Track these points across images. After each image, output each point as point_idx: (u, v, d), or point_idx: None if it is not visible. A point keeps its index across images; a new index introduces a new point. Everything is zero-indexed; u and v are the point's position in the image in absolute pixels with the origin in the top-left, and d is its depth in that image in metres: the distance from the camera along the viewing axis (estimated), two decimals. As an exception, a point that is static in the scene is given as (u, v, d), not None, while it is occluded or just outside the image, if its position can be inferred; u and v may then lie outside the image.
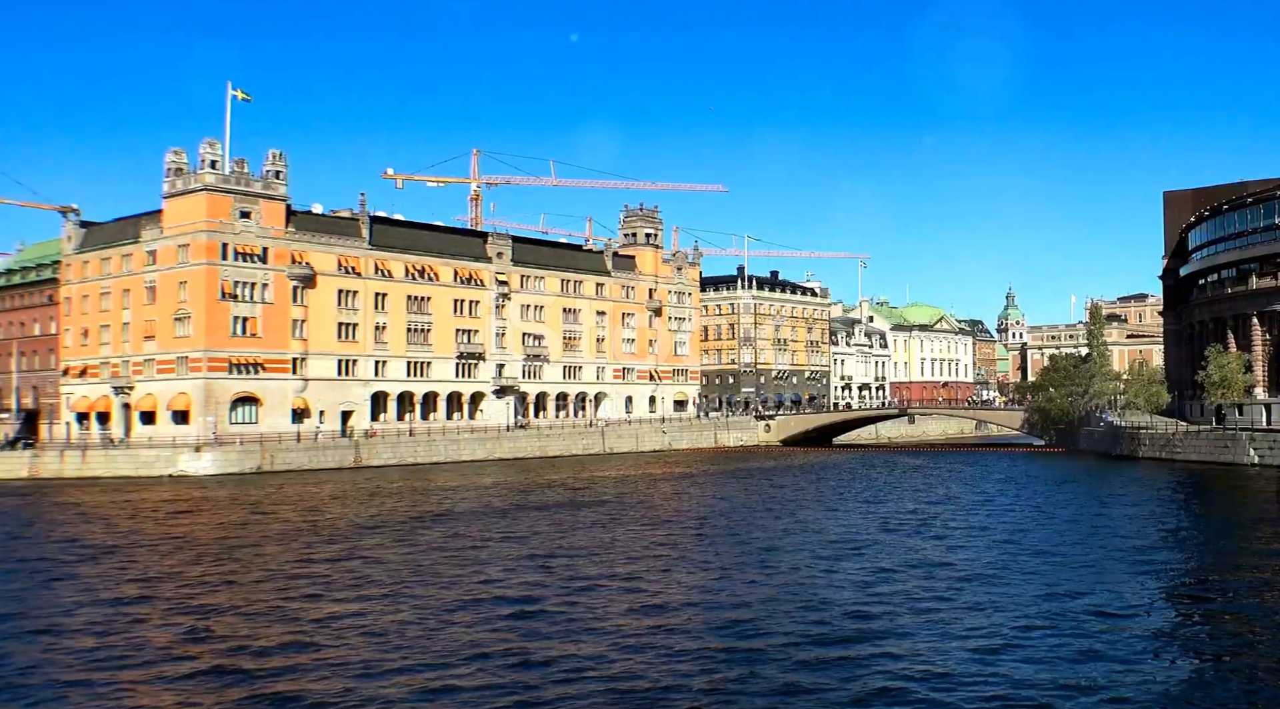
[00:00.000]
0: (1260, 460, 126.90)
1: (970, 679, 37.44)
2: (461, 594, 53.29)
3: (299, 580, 57.81)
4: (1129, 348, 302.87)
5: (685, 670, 39.13)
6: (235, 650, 42.45)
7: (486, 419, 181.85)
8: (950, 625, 44.73)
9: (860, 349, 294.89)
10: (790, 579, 56.97)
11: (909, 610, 47.96)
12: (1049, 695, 35.37)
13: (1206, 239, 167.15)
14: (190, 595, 54.15)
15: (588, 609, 49.48)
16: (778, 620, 46.39)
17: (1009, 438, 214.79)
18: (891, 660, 39.78)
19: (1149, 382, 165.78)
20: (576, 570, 60.17)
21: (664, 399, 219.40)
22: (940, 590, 52.56)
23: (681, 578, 58.44)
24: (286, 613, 49.40)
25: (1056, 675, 37.41)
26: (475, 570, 60.28)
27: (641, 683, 37.40)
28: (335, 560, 64.35)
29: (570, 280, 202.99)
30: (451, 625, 46.32)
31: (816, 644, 42.38)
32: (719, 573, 59.53)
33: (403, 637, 44.27)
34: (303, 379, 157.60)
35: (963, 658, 39.96)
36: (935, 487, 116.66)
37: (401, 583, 56.64)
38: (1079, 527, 77.63)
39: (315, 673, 39.00)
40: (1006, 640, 42.30)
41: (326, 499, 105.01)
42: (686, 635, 44.35)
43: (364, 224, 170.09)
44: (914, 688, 36.67)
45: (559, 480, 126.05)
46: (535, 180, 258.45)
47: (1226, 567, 60.43)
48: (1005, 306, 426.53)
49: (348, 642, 43.56)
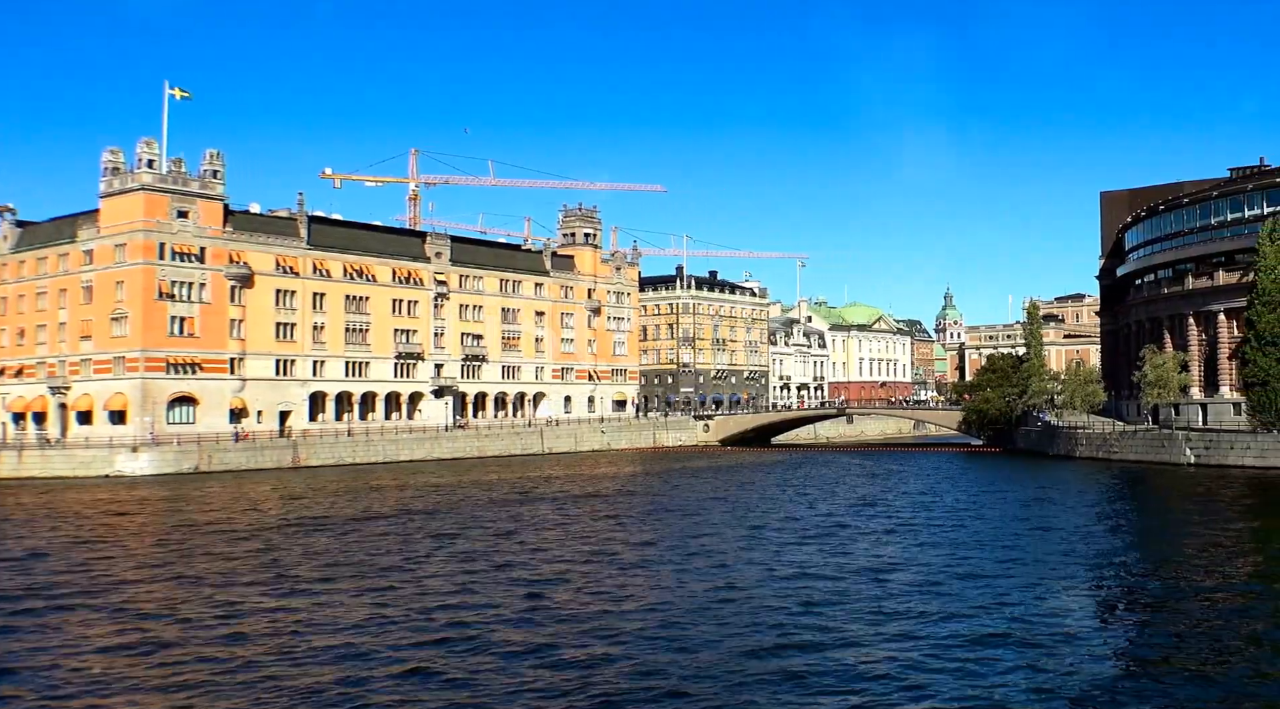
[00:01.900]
0: (1196, 460, 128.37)
1: (894, 678, 37.92)
2: (395, 595, 53.79)
3: (225, 582, 58.07)
4: (1066, 348, 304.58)
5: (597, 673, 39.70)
6: (159, 650, 42.87)
7: (425, 419, 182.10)
8: (882, 628, 44.90)
9: (799, 349, 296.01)
10: (722, 581, 57.37)
11: (841, 615, 48.21)
12: (984, 696, 35.95)
13: (1143, 239, 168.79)
14: (119, 598, 54.35)
15: (509, 609, 50.13)
16: (700, 625, 46.80)
17: (946, 438, 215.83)
18: (822, 663, 40.08)
19: (1085, 381, 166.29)
20: (505, 571, 60.76)
21: (603, 399, 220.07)
22: (876, 593, 53.01)
23: (607, 579, 59.04)
24: (212, 613, 49.73)
25: (991, 676, 37.93)
26: (406, 571, 60.81)
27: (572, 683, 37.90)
28: (262, 560, 64.78)
29: (509, 280, 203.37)
30: (388, 625, 46.82)
31: (750, 646, 42.98)
32: (651, 576, 60.25)
33: (335, 635, 44.81)
34: (240, 379, 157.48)
35: (891, 660, 40.26)
36: (871, 486, 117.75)
37: (332, 580, 57.15)
38: (1014, 528, 78.08)
39: (233, 675, 39.25)
40: (937, 642, 42.76)
41: (262, 499, 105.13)
42: (610, 635, 44.88)
43: (302, 224, 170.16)
44: (850, 687, 37.27)
45: (496, 480, 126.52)
46: (474, 180, 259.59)
47: (1163, 567, 60.90)
48: (943, 306, 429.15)
49: (272, 642, 44.00)
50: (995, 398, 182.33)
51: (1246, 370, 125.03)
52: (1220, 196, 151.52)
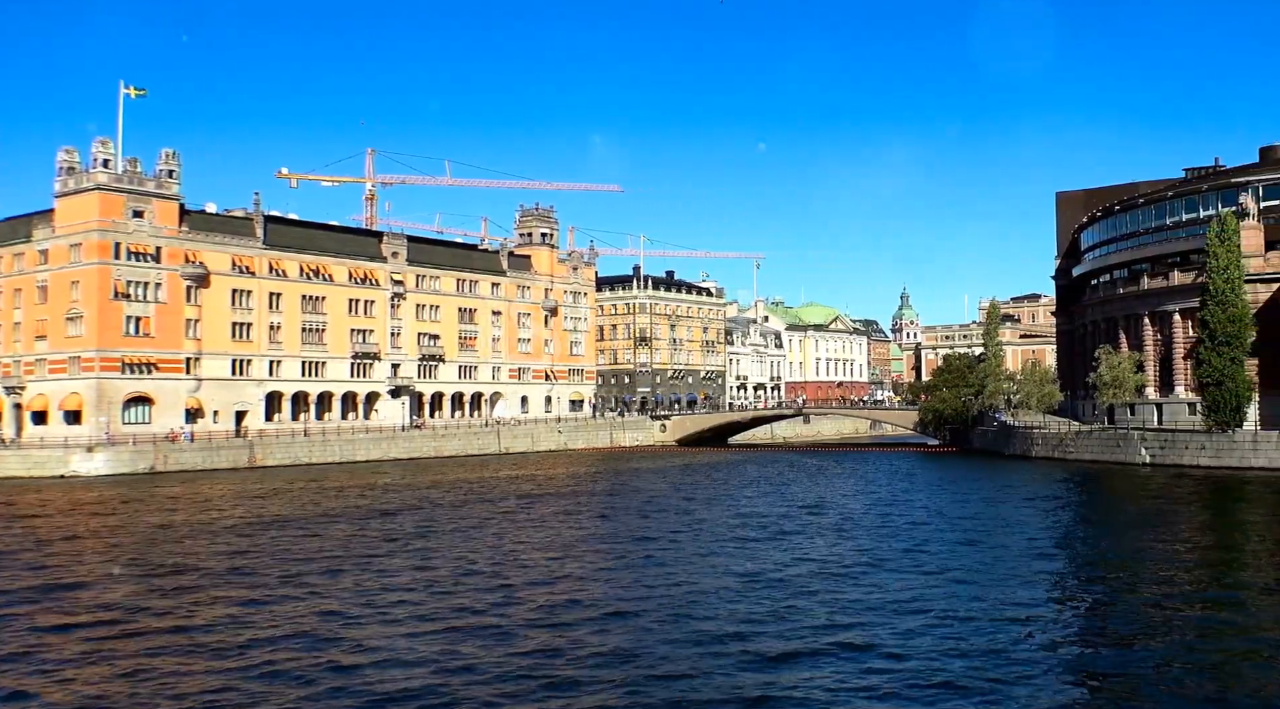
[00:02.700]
0: (1152, 460, 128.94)
1: (848, 679, 37.98)
2: (354, 594, 53.75)
3: (185, 583, 57.91)
4: (1022, 348, 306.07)
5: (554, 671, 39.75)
6: (114, 650, 42.69)
7: (382, 419, 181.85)
8: (830, 631, 44.88)
9: (756, 349, 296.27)
10: (675, 580, 57.52)
11: (798, 612, 48.39)
12: (941, 697, 35.95)
13: (1099, 239, 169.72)
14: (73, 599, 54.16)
15: (470, 607, 50.10)
16: (653, 622, 47.02)
17: (903, 438, 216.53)
18: (776, 664, 40.13)
19: (1041, 382, 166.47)
20: (463, 570, 60.75)
21: (560, 399, 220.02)
22: (833, 592, 53.15)
23: (566, 578, 59.06)
24: (163, 614, 49.60)
25: (947, 678, 37.74)
26: (364, 571, 60.67)
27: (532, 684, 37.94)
28: (219, 561, 64.56)
29: (466, 280, 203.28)
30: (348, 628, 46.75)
31: (699, 644, 43.20)
32: (606, 575, 60.38)
33: (294, 636, 44.67)
34: (196, 379, 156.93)
35: (844, 661, 40.34)
36: (826, 486, 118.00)
37: (291, 580, 57.03)
38: (971, 528, 77.94)
39: (188, 678, 39.16)
40: (896, 641, 42.77)
41: (218, 500, 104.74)
42: (562, 633, 44.95)
43: (258, 223, 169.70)
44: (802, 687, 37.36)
45: (453, 480, 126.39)
46: (431, 180, 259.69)
47: (1117, 567, 60.95)
48: (900, 306, 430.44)
49: (229, 641, 43.87)
50: (952, 398, 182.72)
51: (1201, 370, 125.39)
52: (1175, 197, 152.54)
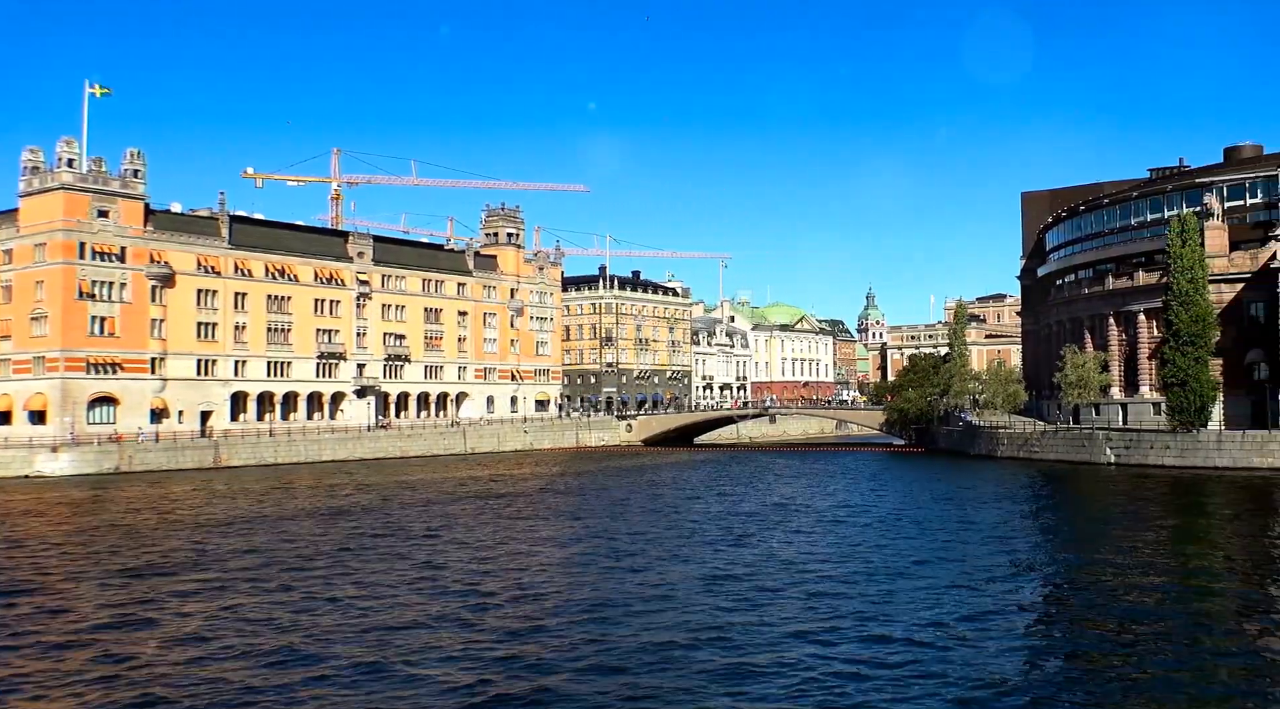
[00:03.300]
0: (1116, 459, 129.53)
1: (809, 679, 38.12)
2: (321, 595, 53.70)
3: (149, 583, 57.76)
4: (987, 348, 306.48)
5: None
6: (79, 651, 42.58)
7: (347, 419, 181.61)
8: (794, 628, 45.13)
9: (722, 349, 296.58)
10: (640, 579, 57.73)
11: (761, 612, 48.65)
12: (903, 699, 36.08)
13: (1064, 240, 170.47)
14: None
15: (433, 607, 50.10)
16: (618, 621, 47.18)
17: (869, 437, 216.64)
18: (736, 666, 40.12)
19: (1007, 381, 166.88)
20: (427, 570, 60.85)
21: (526, 399, 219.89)
22: (795, 592, 53.35)
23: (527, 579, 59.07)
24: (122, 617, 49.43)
25: (910, 678, 37.90)
26: (332, 571, 60.64)
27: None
28: (184, 561, 64.45)
29: (432, 280, 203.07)
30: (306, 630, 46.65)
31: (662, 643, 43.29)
32: (571, 575, 60.47)
33: (260, 636, 44.60)
34: (161, 379, 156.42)
35: (807, 661, 40.48)
36: (792, 486, 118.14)
37: (256, 581, 56.91)
38: (934, 528, 77.89)
39: (150, 677, 39.10)
40: (858, 643, 42.96)
41: (183, 500, 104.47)
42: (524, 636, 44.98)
43: (224, 223, 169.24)
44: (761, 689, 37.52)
45: (418, 481, 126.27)
46: (396, 180, 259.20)
47: (1079, 567, 61.01)
48: (865, 306, 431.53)
49: (191, 642, 43.85)
50: (917, 398, 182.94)
51: (1166, 370, 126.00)
52: (1140, 197, 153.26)
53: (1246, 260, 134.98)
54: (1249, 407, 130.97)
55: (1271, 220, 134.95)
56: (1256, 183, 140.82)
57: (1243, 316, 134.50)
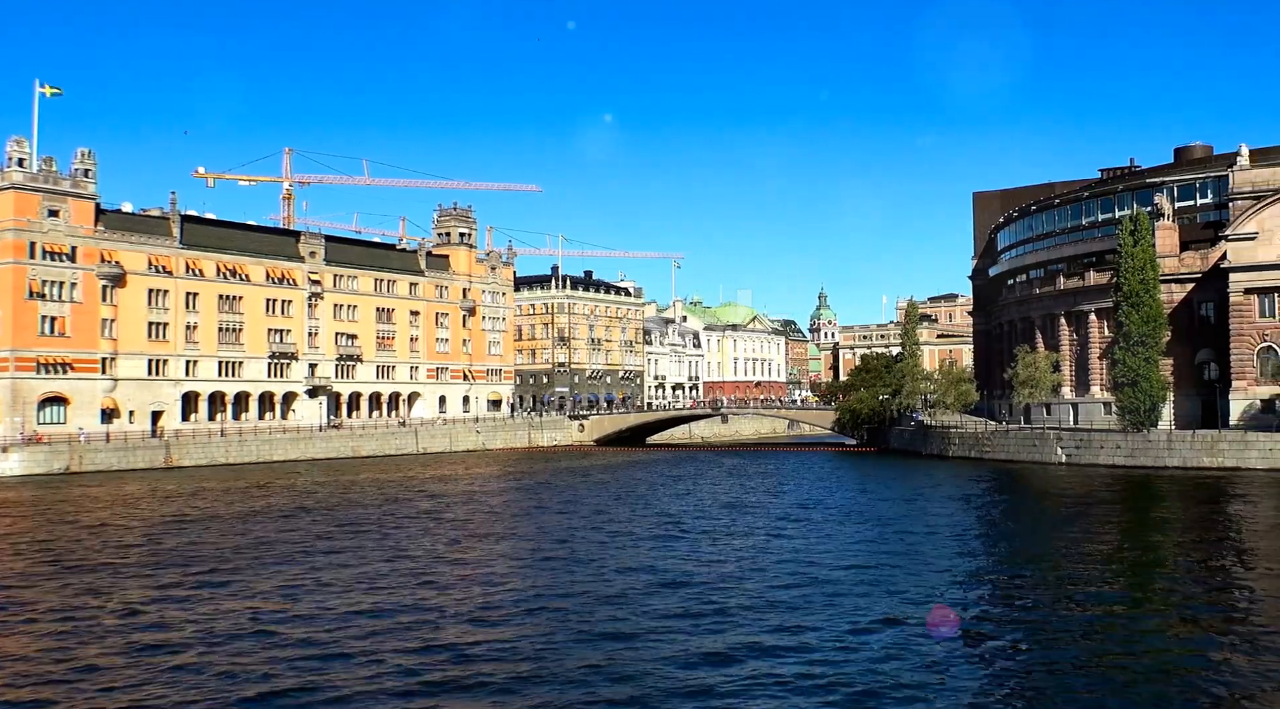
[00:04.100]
0: (1068, 459, 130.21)
1: (757, 680, 38.15)
2: (274, 596, 53.51)
3: (102, 583, 57.49)
4: (939, 347, 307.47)
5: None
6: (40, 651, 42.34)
7: (299, 419, 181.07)
8: (735, 632, 44.85)
9: (674, 349, 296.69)
10: (588, 579, 57.80)
11: (711, 611, 48.72)
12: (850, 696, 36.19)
13: (1015, 240, 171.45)
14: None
15: (389, 608, 50.02)
16: (565, 621, 47.25)
17: (821, 437, 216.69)
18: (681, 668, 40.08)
19: (958, 381, 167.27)
20: (378, 570, 60.66)
21: (478, 399, 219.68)
22: (744, 592, 53.39)
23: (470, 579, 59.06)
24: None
25: (861, 682, 37.88)
26: (283, 570, 60.46)
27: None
28: (136, 562, 64.09)
29: (384, 280, 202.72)
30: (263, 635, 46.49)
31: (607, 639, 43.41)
32: (522, 575, 60.37)
33: (213, 638, 44.42)
34: (112, 379, 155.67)
35: (757, 661, 40.56)
36: (743, 486, 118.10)
37: (208, 582, 56.71)
38: (884, 528, 78.00)
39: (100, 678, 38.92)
40: (807, 640, 43.10)
41: (134, 500, 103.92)
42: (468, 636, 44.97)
43: (175, 223, 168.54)
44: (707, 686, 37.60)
45: (369, 480, 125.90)
46: (348, 179, 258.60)
47: (1029, 567, 61.33)
48: (818, 306, 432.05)
49: (145, 644, 43.57)
50: (869, 397, 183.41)
51: (1116, 370, 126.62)
52: (1091, 197, 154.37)
53: (1197, 260, 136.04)
54: (1199, 407, 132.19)
55: (1221, 221, 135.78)
56: (1206, 183, 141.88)
57: (1193, 317, 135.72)
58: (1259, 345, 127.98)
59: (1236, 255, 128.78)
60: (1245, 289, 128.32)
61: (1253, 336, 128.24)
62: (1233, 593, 52.76)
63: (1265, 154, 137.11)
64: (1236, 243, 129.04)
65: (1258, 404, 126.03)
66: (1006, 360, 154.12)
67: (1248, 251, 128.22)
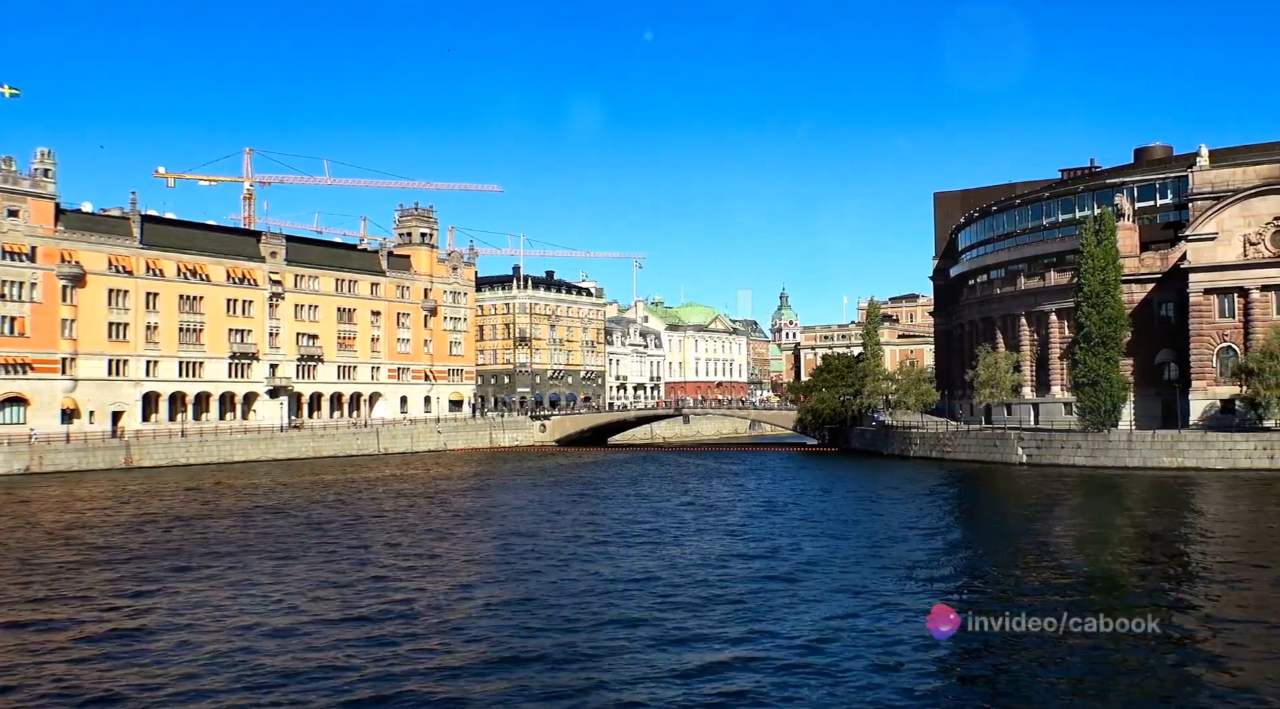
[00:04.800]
0: (1028, 459, 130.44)
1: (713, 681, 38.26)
2: (240, 595, 53.57)
3: (63, 584, 57.38)
4: (901, 348, 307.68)
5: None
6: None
7: (260, 419, 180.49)
8: (698, 633, 45.11)
9: (635, 349, 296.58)
10: (547, 579, 58.10)
11: (670, 611, 48.88)
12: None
13: (976, 240, 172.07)
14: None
15: (349, 608, 50.27)
16: (522, 621, 47.50)
17: (782, 438, 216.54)
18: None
19: (919, 381, 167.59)
20: (339, 571, 60.85)
21: (439, 399, 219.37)
22: (702, 592, 53.55)
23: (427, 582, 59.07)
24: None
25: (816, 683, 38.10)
26: (245, 570, 60.46)
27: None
28: (94, 561, 63.99)
29: (345, 280, 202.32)
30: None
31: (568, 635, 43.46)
32: (483, 576, 60.67)
33: (171, 639, 44.47)
34: (72, 379, 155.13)
35: (712, 661, 40.72)
36: (703, 486, 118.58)
37: (164, 584, 56.65)
38: (845, 529, 78.28)
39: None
40: (761, 642, 43.32)
41: (94, 500, 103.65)
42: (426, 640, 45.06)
43: (135, 223, 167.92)
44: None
45: (331, 481, 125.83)
46: (309, 179, 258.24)
47: (997, 567, 61.81)
48: (779, 307, 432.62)
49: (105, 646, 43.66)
50: (830, 398, 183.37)
51: (1077, 370, 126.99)
52: (1052, 197, 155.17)
53: (1157, 261, 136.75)
54: (1159, 406, 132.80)
55: (1181, 221, 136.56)
56: (1167, 183, 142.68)
57: (1153, 317, 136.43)
58: (1219, 345, 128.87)
59: (1196, 256, 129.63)
60: (1205, 289, 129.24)
61: (1213, 337, 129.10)
62: (1193, 591, 53.25)
63: (1225, 155, 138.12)
64: (1196, 243, 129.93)
65: (1217, 404, 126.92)
66: (968, 360, 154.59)
67: (1208, 252, 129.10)
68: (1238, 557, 63.18)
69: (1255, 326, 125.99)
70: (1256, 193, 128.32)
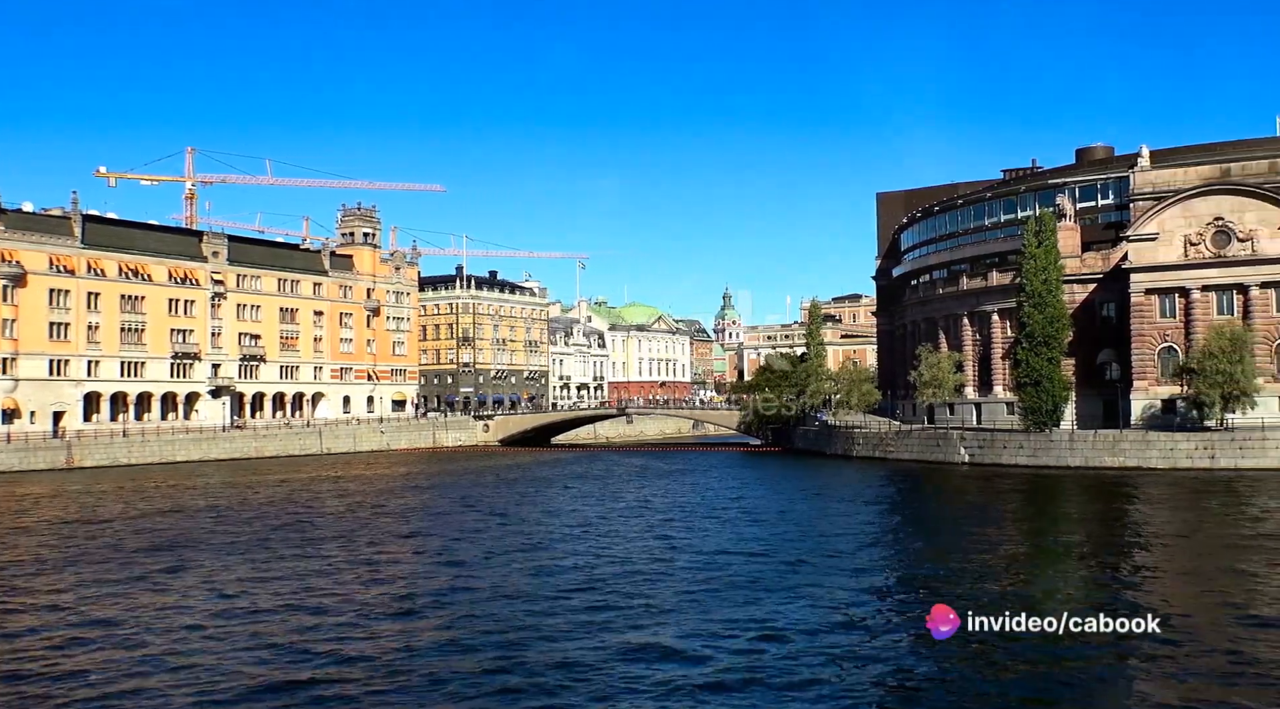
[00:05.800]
0: (971, 459, 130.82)
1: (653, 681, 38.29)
2: (181, 597, 53.44)
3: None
4: (844, 348, 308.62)
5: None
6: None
7: (202, 420, 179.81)
8: (636, 633, 45.03)
9: (579, 349, 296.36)
10: (484, 580, 57.90)
11: (608, 613, 48.82)
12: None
13: (918, 240, 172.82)
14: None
15: (293, 607, 50.12)
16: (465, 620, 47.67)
17: (726, 437, 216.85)
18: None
19: (861, 381, 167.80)
20: (280, 571, 60.65)
21: (382, 399, 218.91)
22: (643, 594, 53.48)
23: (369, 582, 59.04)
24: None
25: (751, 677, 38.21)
26: (187, 572, 60.24)
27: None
28: (31, 563, 63.72)
29: (287, 280, 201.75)
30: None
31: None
32: (425, 574, 60.53)
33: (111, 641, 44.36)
34: (13, 379, 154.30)
35: (652, 664, 40.63)
36: (646, 485, 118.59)
37: (104, 584, 56.42)
38: (785, 528, 78.20)
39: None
40: (699, 641, 43.33)
41: (33, 501, 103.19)
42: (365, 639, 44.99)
43: (76, 223, 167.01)
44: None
45: (273, 481, 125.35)
46: (252, 179, 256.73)
47: (938, 565, 61.80)
48: (722, 307, 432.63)
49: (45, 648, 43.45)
50: (774, 398, 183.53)
51: (1019, 370, 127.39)
52: (994, 198, 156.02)
53: (1098, 261, 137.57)
54: (1101, 406, 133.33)
55: (1123, 221, 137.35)
56: (1108, 184, 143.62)
57: (1094, 317, 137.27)
58: (1160, 345, 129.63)
59: (1138, 256, 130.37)
60: (1146, 289, 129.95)
61: (1154, 337, 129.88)
62: (1135, 589, 53.66)
63: (1166, 155, 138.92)
64: (1138, 243, 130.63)
65: (1159, 404, 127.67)
66: (910, 360, 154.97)
67: (1149, 252, 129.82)
68: (1177, 556, 63.75)
69: (1196, 327, 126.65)
70: (1197, 193, 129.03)
